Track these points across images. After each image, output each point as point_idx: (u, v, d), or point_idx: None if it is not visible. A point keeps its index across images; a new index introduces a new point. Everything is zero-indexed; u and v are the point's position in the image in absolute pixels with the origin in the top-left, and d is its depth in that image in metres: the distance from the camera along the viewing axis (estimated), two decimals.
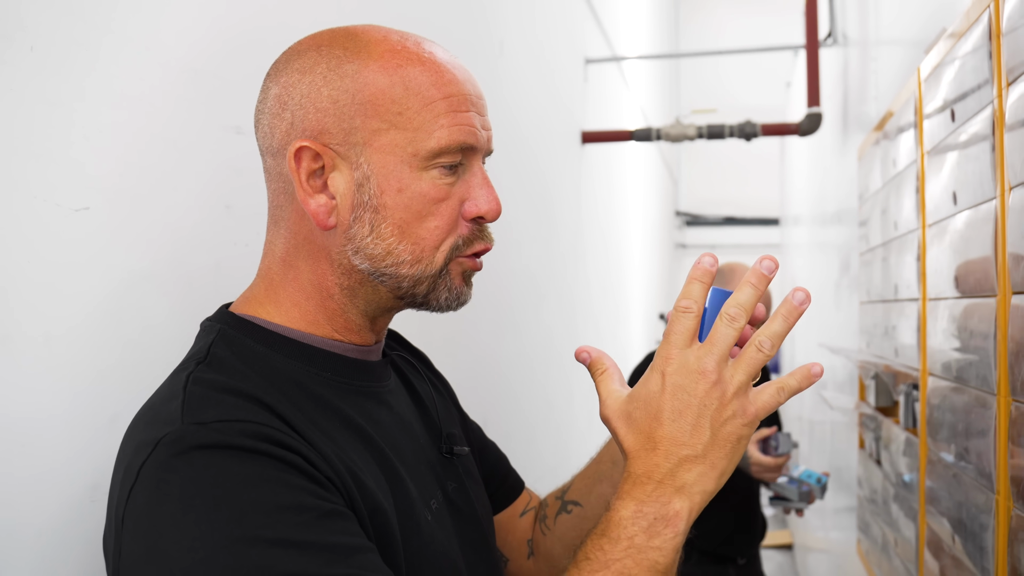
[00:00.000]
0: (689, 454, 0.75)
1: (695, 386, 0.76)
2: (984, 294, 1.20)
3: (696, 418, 0.75)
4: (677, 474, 0.75)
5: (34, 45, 0.86)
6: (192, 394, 0.74)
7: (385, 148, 0.80)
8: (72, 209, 0.91)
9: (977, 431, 1.22)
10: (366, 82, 0.80)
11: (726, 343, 0.77)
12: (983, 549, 1.19)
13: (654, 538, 0.74)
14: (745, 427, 0.76)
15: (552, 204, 3.22)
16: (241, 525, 0.65)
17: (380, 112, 0.80)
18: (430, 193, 0.81)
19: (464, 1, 2.22)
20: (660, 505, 0.74)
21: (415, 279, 0.83)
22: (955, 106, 1.36)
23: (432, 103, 0.80)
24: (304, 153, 0.81)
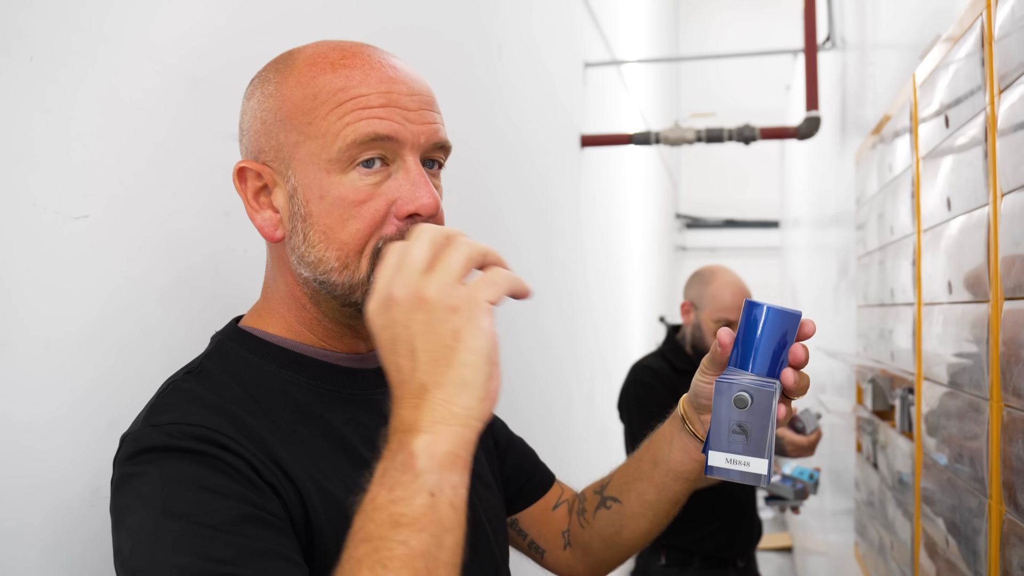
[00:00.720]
0: (412, 388, 0.69)
1: (393, 313, 0.70)
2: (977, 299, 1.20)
3: (407, 343, 0.69)
4: (406, 415, 0.68)
5: (33, 54, 0.87)
6: (161, 400, 0.80)
7: (305, 159, 0.82)
8: (71, 216, 0.92)
9: (970, 435, 1.23)
10: (284, 98, 0.83)
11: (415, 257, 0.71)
12: (976, 552, 1.20)
13: (395, 489, 0.65)
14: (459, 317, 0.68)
15: (551, 208, 3.23)
16: (165, 516, 0.70)
17: (296, 125, 0.82)
18: (348, 196, 0.82)
19: (462, 6, 2.23)
20: (395, 453, 0.67)
21: (348, 286, 0.83)
22: (949, 112, 1.37)
23: (339, 105, 0.81)
24: (247, 173, 0.86)
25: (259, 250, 1.25)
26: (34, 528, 0.88)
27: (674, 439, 1.01)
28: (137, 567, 0.69)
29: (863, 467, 2.27)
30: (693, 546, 2.66)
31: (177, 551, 0.68)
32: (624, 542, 1.09)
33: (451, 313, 0.67)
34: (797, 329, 0.87)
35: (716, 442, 0.84)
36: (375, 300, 0.71)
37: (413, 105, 0.83)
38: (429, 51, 1.96)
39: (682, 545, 2.66)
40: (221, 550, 0.68)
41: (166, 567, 0.67)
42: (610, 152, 4.62)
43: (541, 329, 3.09)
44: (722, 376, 0.85)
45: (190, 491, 0.71)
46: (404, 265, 0.70)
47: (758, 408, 0.82)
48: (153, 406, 0.79)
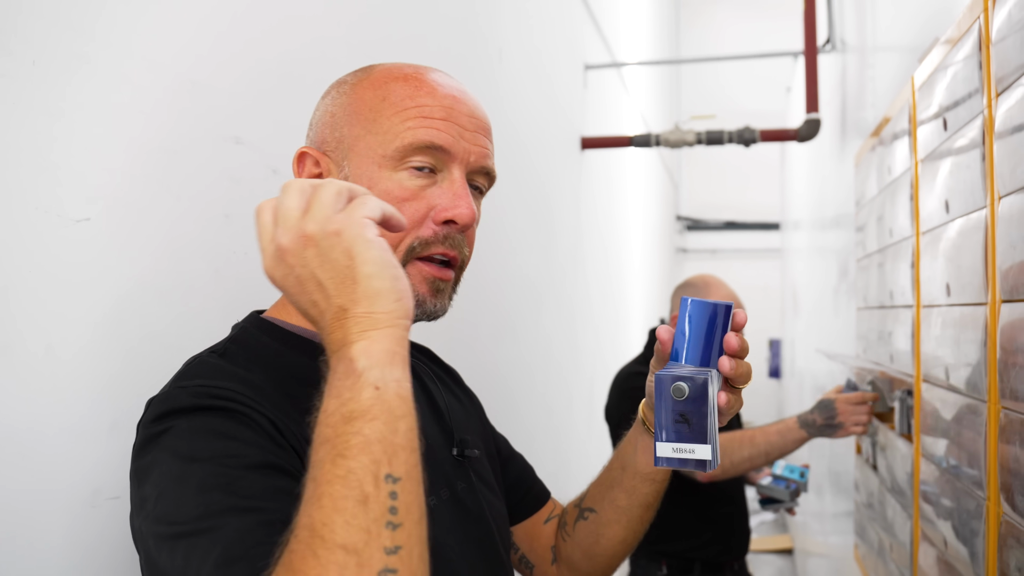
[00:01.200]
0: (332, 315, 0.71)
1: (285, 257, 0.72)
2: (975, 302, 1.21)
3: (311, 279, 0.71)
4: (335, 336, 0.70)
5: (36, 59, 0.87)
6: (188, 368, 0.85)
7: (362, 151, 0.89)
8: (73, 219, 0.93)
9: (968, 437, 1.24)
10: (356, 96, 0.91)
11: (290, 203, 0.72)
12: (975, 554, 1.20)
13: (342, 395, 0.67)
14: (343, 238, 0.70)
15: (551, 210, 3.23)
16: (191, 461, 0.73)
17: (361, 120, 0.90)
18: (394, 191, 0.87)
19: (463, 9, 2.23)
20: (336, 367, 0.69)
21: None
22: (947, 114, 1.37)
23: (404, 110, 0.88)
24: (305, 159, 0.92)
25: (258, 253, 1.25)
26: (35, 528, 0.88)
27: (638, 442, 1.05)
28: (162, 512, 0.71)
29: (863, 469, 2.28)
30: (693, 553, 2.66)
31: (202, 490, 0.71)
32: (603, 552, 1.11)
33: (336, 237, 0.70)
34: (730, 320, 0.91)
35: (662, 433, 0.87)
36: (267, 257, 0.73)
37: (470, 126, 0.90)
38: (430, 55, 1.96)
39: (683, 553, 2.66)
40: (246, 487, 0.71)
41: (191, 505, 0.70)
42: (610, 154, 4.62)
43: (541, 332, 3.09)
44: (661, 370, 0.88)
45: (216, 439, 0.74)
46: (281, 216, 0.72)
47: (695, 396, 0.85)
48: (180, 374, 0.84)
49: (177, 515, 0.70)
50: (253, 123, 1.25)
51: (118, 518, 0.98)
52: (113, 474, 0.98)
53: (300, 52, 1.39)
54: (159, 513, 0.72)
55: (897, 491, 1.77)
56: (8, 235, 0.85)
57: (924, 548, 1.51)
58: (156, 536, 0.71)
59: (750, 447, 2.17)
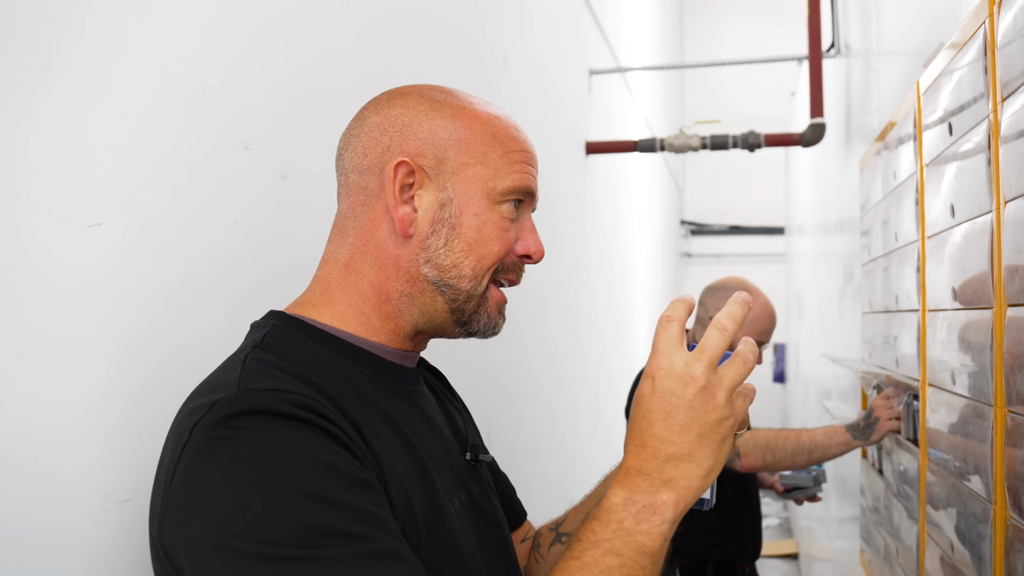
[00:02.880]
0: (675, 452, 0.80)
1: (684, 389, 0.81)
2: (981, 306, 1.21)
3: (684, 419, 0.80)
4: (664, 469, 0.80)
5: (49, 65, 0.88)
6: (250, 367, 0.83)
7: (470, 179, 0.94)
8: (85, 225, 0.93)
9: (975, 441, 1.24)
10: (462, 124, 0.95)
11: (715, 351, 0.82)
12: (981, 558, 1.20)
13: (642, 523, 0.78)
14: (729, 428, 0.82)
15: (556, 215, 3.24)
16: (280, 477, 0.72)
17: (470, 150, 0.94)
18: (498, 223, 0.95)
19: (468, 14, 2.24)
20: (649, 495, 0.79)
21: (468, 294, 0.94)
22: (953, 119, 1.37)
23: (510, 152, 0.96)
24: (401, 168, 0.93)
25: (267, 257, 1.26)
26: (48, 531, 0.89)
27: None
28: (247, 529, 0.69)
29: (868, 473, 2.28)
30: (707, 554, 2.66)
31: (299, 513, 0.70)
32: None
33: (725, 421, 0.81)
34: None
35: None
36: (663, 360, 0.82)
37: (537, 173, 1.01)
38: (434, 60, 1.97)
39: (696, 553, 2.67)
40: (345, 513, 0.72)
41: (288, 527, 0.69)
42: (615, 159, 4.63)
43: (547, 336, 3.10)
44: None
45: (301, 455, 0.74)
46: (708, 348, 0.82)
47: None
48: (242, 374, 0.81)
49: (269, 534, 0.69)
50: (262, 129, 1.26)
51: (129, 521, 0.98)
52: (124, 477, 0.98)
53: (308, 59, 1.40)
54: (242, 529, 0.69)
55: (903, 495, 1.77)
56: (22, 240, 0.86)
57: (930, 552, 1.51)
58: (229, 550, 0.69)
59: (795, 444, 2.19)
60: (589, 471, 3.77)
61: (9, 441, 0.84)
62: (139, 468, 0.99)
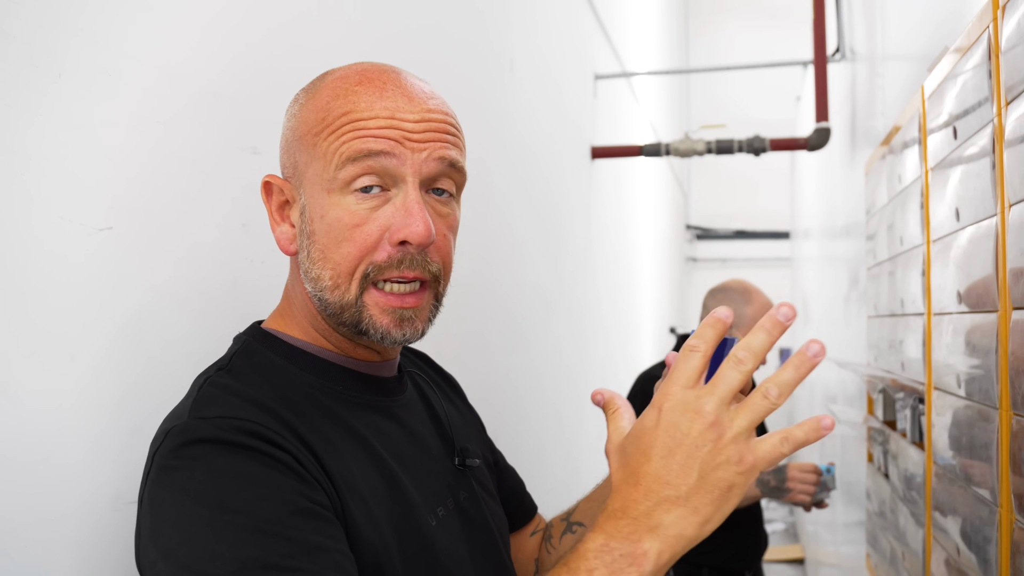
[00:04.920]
0: (671, 495, 0.70)
1: (690, 425, 0.70)
2: (986, 309, 1.21)
3: (685, 458, 0.70)
4: (654, 513, 0.70)
5: (61, 72, 0.89)
6: (204, 394, 0.81)
7: (312, 179, 0.85)
8: (96, 228, 0.94)
9: (980, 444, 1.24)
10: (300, 120, 0.87)
11: (729, 386, 0.71)
12: (987, 562, 1.20)
13: (616, 574, 0.69)
14: (740, 475, 0.70)
15: (561, 219, 3.24)
16: (220, 510, 0.71)
17: (306, 146, 0.86)
18: (344, 218, 0.84)
19: (474, 20, 2.25)
20: (630, 543, 0.69)
21: (339, 306, 0.86)
22: (957, 123, 1.38)
23: (340, 128, 0.83)
24: (270, 188, 0.90)
25: (276, 262, 1.27)
26: (59, 532, 0.90)
27: None
28: (190, 559, 0.70)
29: (874, 477, 2.28)
30: (700, 559, 2.65)
31: (237, 545, 0.70)
32: None
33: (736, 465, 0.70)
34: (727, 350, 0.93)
35: None
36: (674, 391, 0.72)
37: (418, 129, 0.84)
38: (441, 67, 1.98)
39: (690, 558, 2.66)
40: (281, 545, 0.70)
41: (226, 559, 0.69)
42: (620, 164, 4.64)
43: (552, 340, 3.10)
44: None
45: (245, 486, 0.73)
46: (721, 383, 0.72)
47: None
48: (195, 400, 0.81)
49: (208, 567, 0.69)
50: (269, 134, 1.27)
51: None
52: (134, 479, 0.99)
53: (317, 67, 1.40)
54: (187, 559, 0.70)
55: (909, 499, 1.77)
56: (34, 243, 0.87)
57: (936, 556, 1.51)
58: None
59: None
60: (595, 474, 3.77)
61: (20, 442, 0.85)
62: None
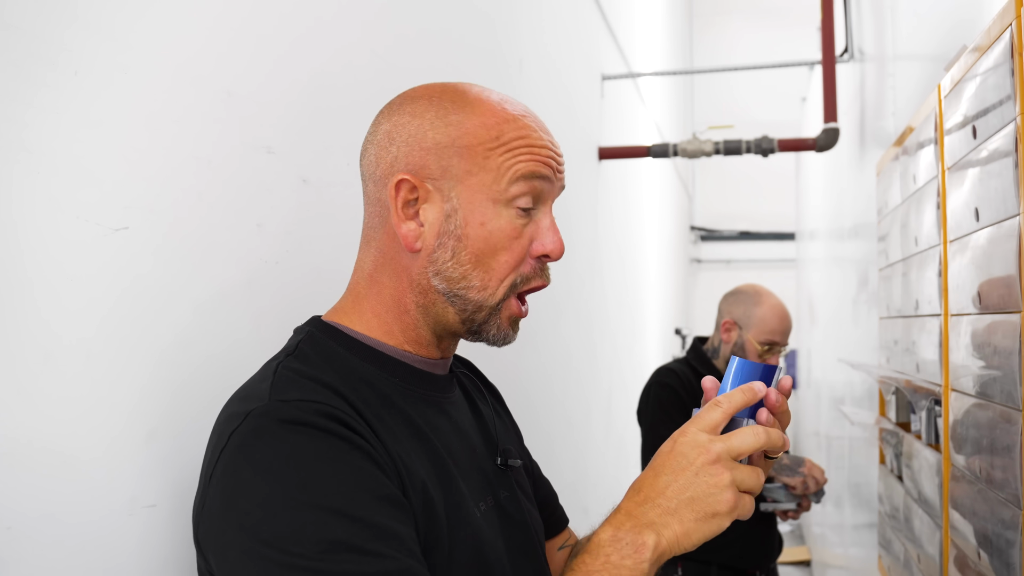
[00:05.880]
0: (665, 506, 0.85)
1: (696, 458, 0.86)
2: (1008, 310, 1.20)
3: (686, 482, 0.85)
4: (648, 515, 0.85)
5: (78, 69, 0.88)
6: (280, 377, 0.86)
7: (474, 187, 0.93)
8: (112, 228, 0.93)
9: (1002, 447, 1.23)
10: (466, 131, 0.93)
11: (742, 447, 0.87)
12: (1010, 565, 1.19)
13: (626, 559, 0.83)
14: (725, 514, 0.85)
15: (570, 220, 3.24)
16: (305, 491, 0.76)
17: (473, 156, 0.93)
18: (506, 230, 0.93)
19: (484, 20, 2.24)
20: (633, 534, 0.84)
21: (478, 305, 0.94)
22: (976, 122, 1.37)
23: (514, 148, 0.93)
24: (403, 185, 0.93)
25: (290, 262, 1.26)
26: (75, 537, 0.88)
27: None
28: (273, 537, 0.74)
29: (886, 479, 2.26)
30: (710, 556, 2.64)
31: (322, 527, 0.74)
32: None
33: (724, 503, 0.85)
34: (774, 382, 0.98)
35: None
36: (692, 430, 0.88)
37: (559, 165, 0.98)
38: (452, 68, 1.97)
39: (698, 556, 2.64)
40: (364, 529, 0.75)
41: (312, 540, 0.74)
42: (626, 165, 4.63)
43: (561, 342, 3.09)
44: None
45: (328, 469, 0.78)
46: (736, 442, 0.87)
47: None
48: (273, 383, 0.85)
49: (293, 546, 0.73)
50: (284, 133, 1.26)
51: (155, 526, 0.98)
52: (150, 482, 0.98)
53: (332, 69, 1.40)
54: (269, 536, 0.74)
55: (924, 501, 1.76)
56: (50, 243, 0.86)
57: (955, 559, 1.50)
58: (255, 555, 0.74)
59: None
60: (603, 477, 3.76)
61: (36, 445, 0.84)
62: (165, 473, 0.99)
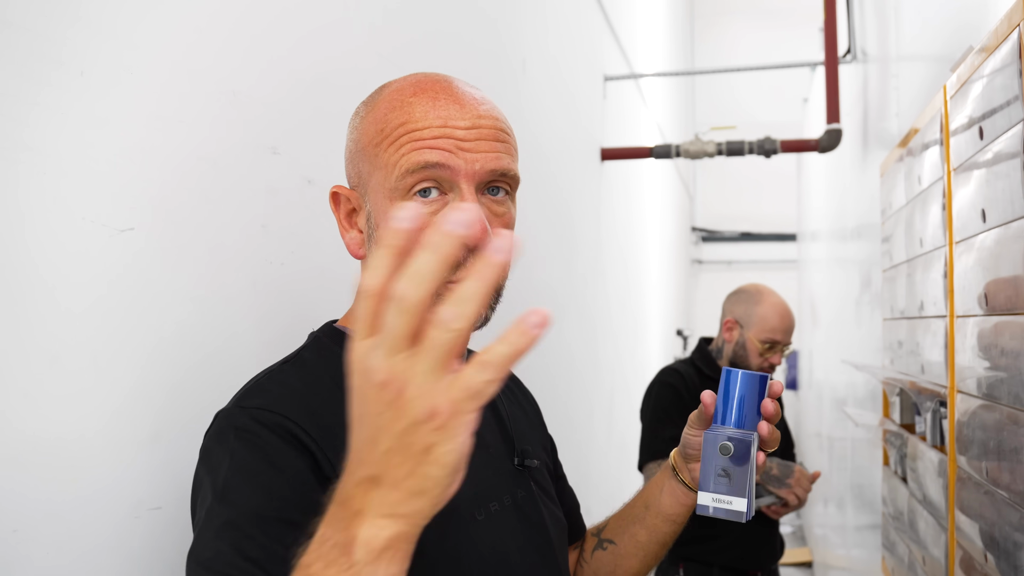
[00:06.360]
0: (365, 474, 0.58)
1: (365, 390, 0.56)
2: (1015, 311, 1.20)
3: (373, 430, 0.57)
4: (355, 497, 0.59)
5: (83, 69, 0.88)
6: (255, 383, 0.89)
7: (375, 187, 0.90)
8: (118, 229, 0.93)
9: (1009, 448, 1.22)
10: (363, 131, 0.92)
11: (395, 330, 0.53)
12: (1018, 568, 1.18)
13: (330, 567, 0.58)
14: (437, 432, 0.54)
15: (572, 221, 3.23)
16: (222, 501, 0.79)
17: (368, 156, 0.91)
18: None
19: (487, 22, 2.24)
20: (339, 531, 0.59)
21: None
22: (983, 123, 1.36)
23: (398, 139, 0.88)
24: (339, 196, 0.94)
25: (295, 264, 1.26)
26: (81, 540, 0.88)
27: (664, 485, 1.12)
28: (195, 537, 0.80)
29: (890, 481, 2.26)
30: (711, 557, 2.64)
31: (218, 537, 0.77)
32: None
33: (426, 423, 0.54)
34: (766, 388, 1.03)
35: (704, 484, 0.99)
36: (354, 346, 0.57)
37: (469, 136, 0.88)
38: (456, 69, 1.97)
39: (700, 556, 2.64)
40: (253, 549, 0.76)
41: (209, 547, 0.77)
42: (628, 166, 4.63)
43: (563, 344, 3.09)
44: (709, 429, 1.01)
45: (247, 485, 0.79)
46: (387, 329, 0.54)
47: (740, 454, 0.98)
48: (246, 389, 0.88)
49: (198, 550, 0.78)
50: (289, 133, 1.25)
51: (160, 529, 0.98)
52: (155, 485, 0.97)
53: (336, 69, 1.39)
54: (194, 536, 0.80)
55: (929, 503, 1.76)
56: (56, 245, 0.86)
57: (961, 562, 1.49)
58: (192, 552, 0.79)
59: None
60: (605, 478, 3.76)
61: (41, 447, 0.84)
62: (171, 475, 0.99)
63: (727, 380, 1.03)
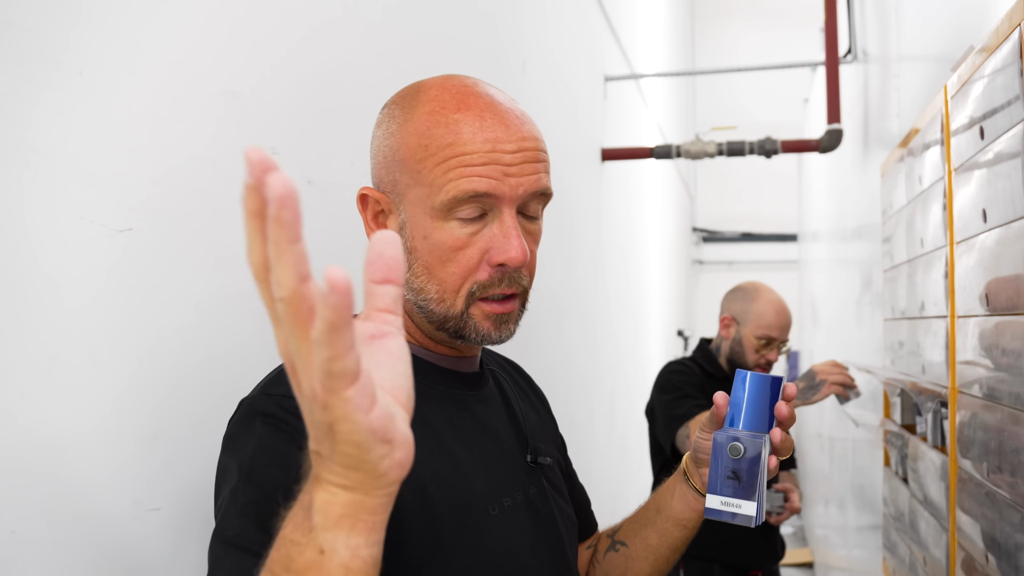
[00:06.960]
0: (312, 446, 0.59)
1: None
2: (1016, 311, 1.19)
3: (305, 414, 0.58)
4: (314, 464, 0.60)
5: (82, 69, 0.88)
6: (281, 372, 0.89)
7: (414, 200, 0.91)
8: (117, 229, 0.93)
9: (1011, 449, 1.22)
10: (402, 141, 0.91)
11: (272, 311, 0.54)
12: (1019, 568, 1.18)
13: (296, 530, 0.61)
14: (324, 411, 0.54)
15: (573, 221, 3.23)
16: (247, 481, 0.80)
17: (408, 169, 0.91)
18: (447, 242, 0.90)
19: (487, 22, 2.24)
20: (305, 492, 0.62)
21: (442, 316, 0.93)
22: (984, 123, 1.36)
23: (445, 160, 0.88)
24: (367, 198, 0.94)
25: None
26: (79, 541, 0.88)
27: (675, 490, 1.12)
28: (220, 515, 0.81)
29: (891, 482, 2.25)
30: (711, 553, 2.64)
31: (243, 515, 0.78)
32: None
33: (314, 403, 0.55)
34: (780, 391, 1.01)
35: (713, 486, 0.98)
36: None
37: (515, 160, 0.89)
38: (455, 68, 1.97)
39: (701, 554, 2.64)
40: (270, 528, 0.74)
41: (234, 524, 0.78)
42: (629, 166, 4.62)
43: (564, 343, 3.08)
44: (720, 430, 1.00)
45: (272, 466, 0.80)
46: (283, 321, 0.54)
47: (750, 456, 0.96)
48: (271, 378, 0.89)
49: (223, 528, 0.79)
50: (288, 133, 1.25)
51: (158, 530, 0.98)
52: (154, 486, 0.97)
53: (336, 69, 1.39)
54: (218, 517, 0.81)
55: (930, 504, 1.75)
56: (55, 245, 0.85)
57: (962, 562, 1.49)
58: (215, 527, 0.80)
59: None
60: (606, 479, 3.76)
61: (39, 447, 0.84)
62: (170, 476, 0.99)
63: (740, 382, 1.02)
